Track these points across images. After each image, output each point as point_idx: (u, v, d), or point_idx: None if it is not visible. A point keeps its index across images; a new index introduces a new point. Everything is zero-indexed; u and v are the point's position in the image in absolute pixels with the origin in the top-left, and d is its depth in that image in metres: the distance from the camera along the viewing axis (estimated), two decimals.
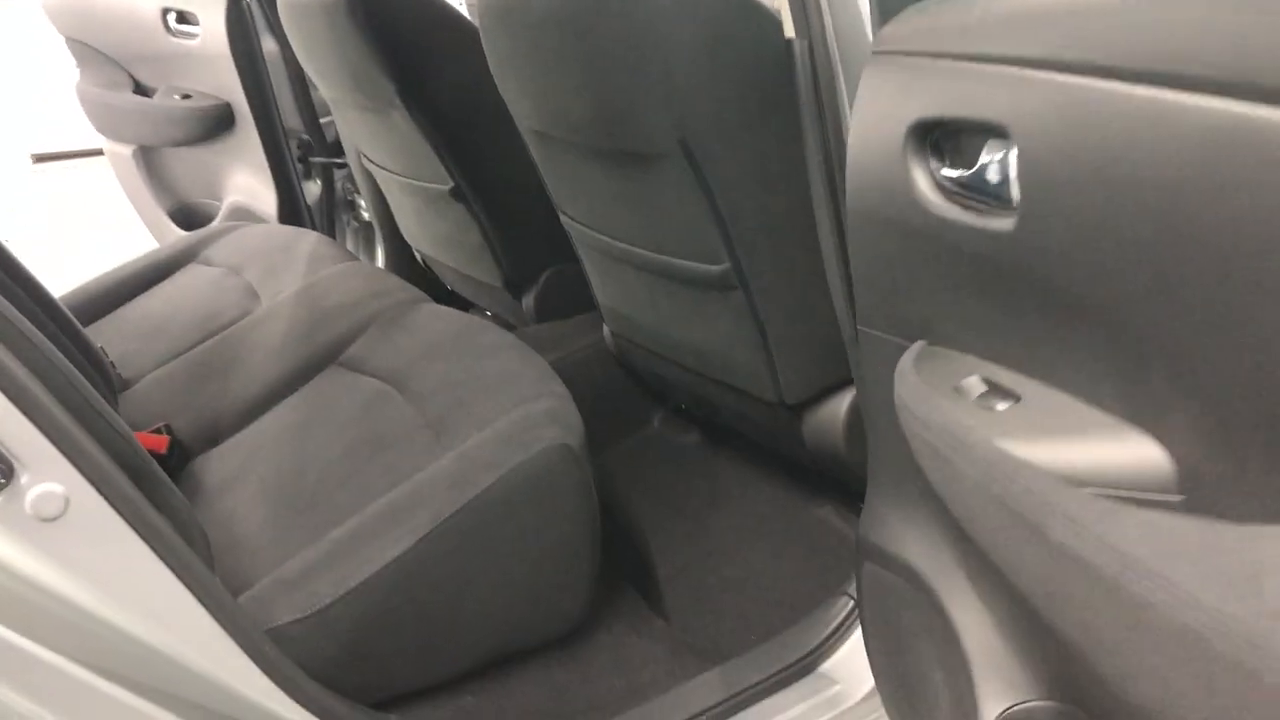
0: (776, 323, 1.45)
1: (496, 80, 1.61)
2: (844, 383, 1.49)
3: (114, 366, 1.84)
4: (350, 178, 2.65)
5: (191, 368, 1.79)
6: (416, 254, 2.51)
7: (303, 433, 1.51)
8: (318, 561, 1.21)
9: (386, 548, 1.20)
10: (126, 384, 1.84)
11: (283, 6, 2.08)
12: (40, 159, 5.71)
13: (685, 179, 1.36)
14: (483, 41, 1.58)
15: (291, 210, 2.69)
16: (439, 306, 1.73)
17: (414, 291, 1.83)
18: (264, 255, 2.10)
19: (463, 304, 2.53)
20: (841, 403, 1.49)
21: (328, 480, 1.39)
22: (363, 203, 2.64)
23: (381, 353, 1.63)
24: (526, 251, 2.13)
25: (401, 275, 2.56)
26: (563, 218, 1.75)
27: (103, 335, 2.02)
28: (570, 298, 2.14)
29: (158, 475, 1.10)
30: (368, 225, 2.71)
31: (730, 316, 1.49)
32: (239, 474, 1.48)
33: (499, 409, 1.37)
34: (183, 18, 2.62)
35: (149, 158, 2.88)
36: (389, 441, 1.41)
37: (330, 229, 2.73)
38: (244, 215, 2.79)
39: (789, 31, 1.23)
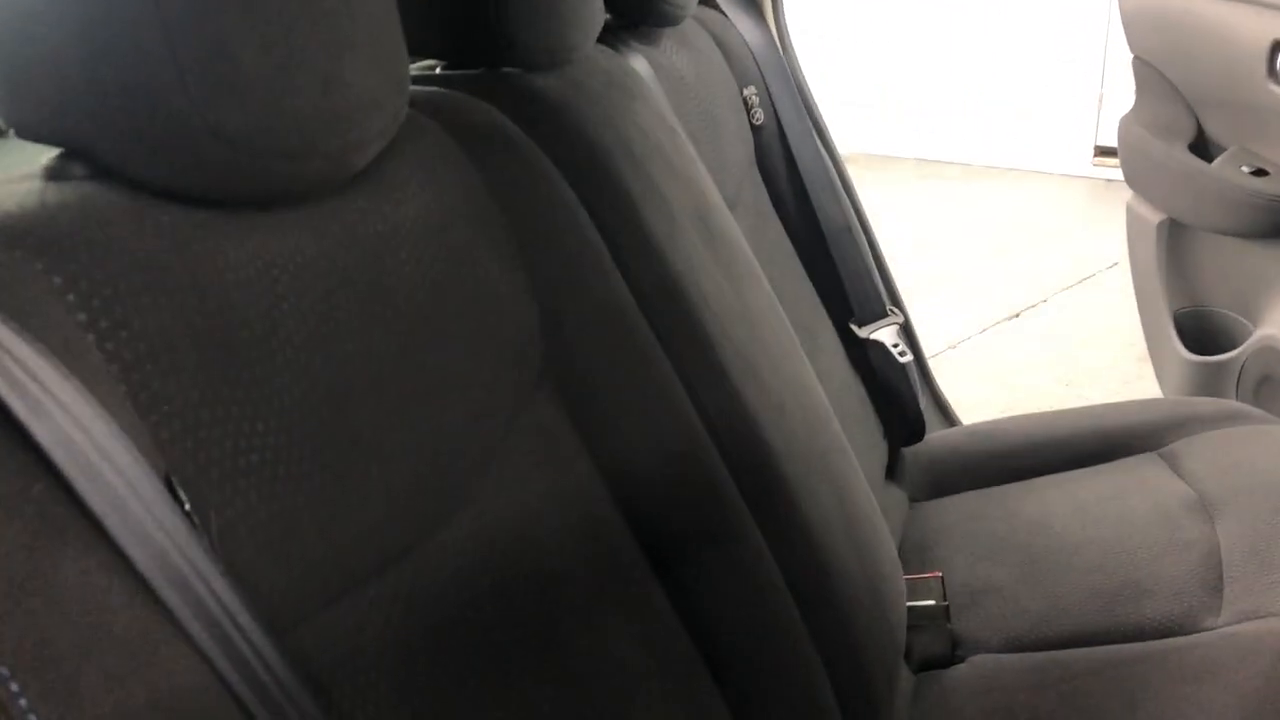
0: None
1: None
2: None
3: (943, 619, 1.18)
4: None
5: (1052, 697, 1.04)
6: None
7: None
8: None
9: None
10: (953, 652, 1.16)
11: None
12: (1102, 152, 5.23)
13: None
14: None
15: None
16: None
17: None
18: (1269, 505, 1.20)
19: None
20: None
21: None
22: None
23: None
24: None
25: None
26: None
27: (969, 527, 1.36)
28: None
29: None
30: None
31: None
32: None
33: None
34: None
35: (1177, 237, 2.08)
36: None
37: None
38: (1274, 361, 1.85)
39: None
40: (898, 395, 1.47)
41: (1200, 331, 2.08)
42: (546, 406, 0.72)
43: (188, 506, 0.40)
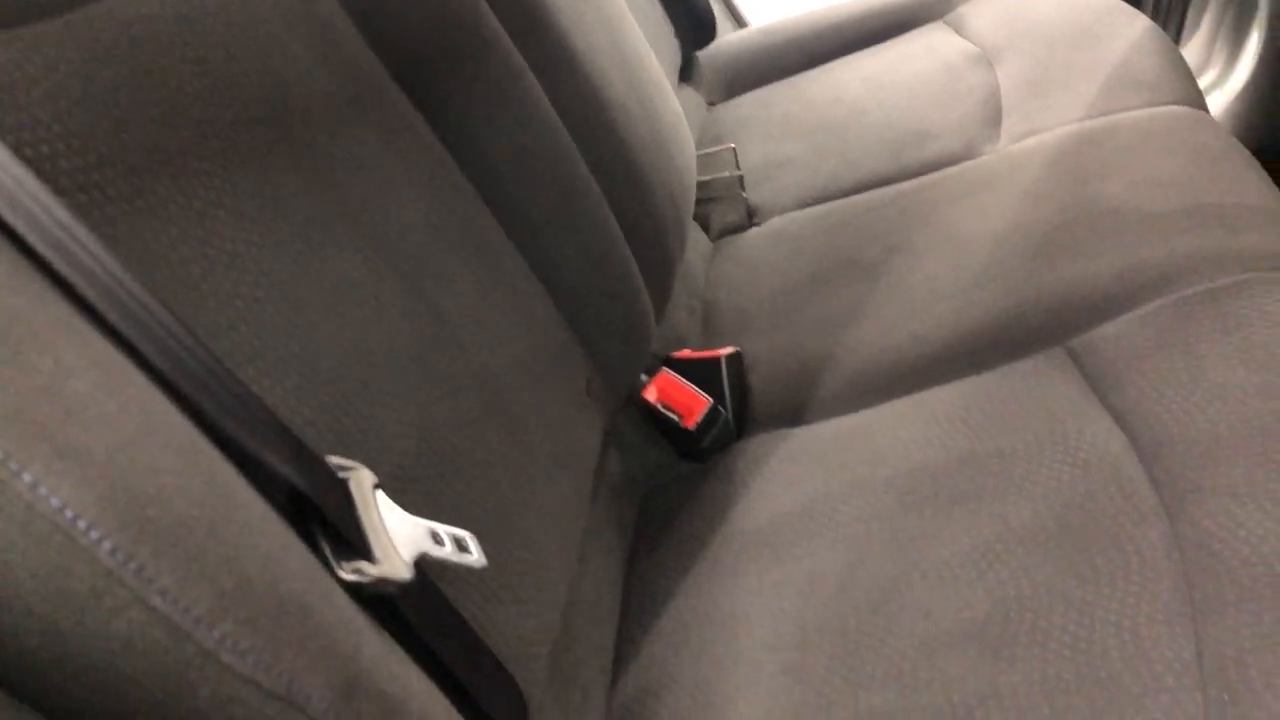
0: None
1: None
2: None
3: (738, 189, 1.17)
4: None
5: (837, 232, 1.05)
6: None
7: (931, 505, 0.73)
8: None
9: None
10: (750, 217, 1.16)
11: None
12: None
13: None
14: None
15: None
16: None
17: None
18: (1045, 44, 1.22)
19: None
20: None
21: (921, 696, 0.61)
22: None
23: (1162, 373, 0.75)
24: None
25: (1267, 106, 1.50)
26: None
27: (767, 112, 1.35)
28: None
29: None
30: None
31: None
32: (786, 535, 0.76)
33: None
34: None
35: None
36: (1099, 670, 0.58)
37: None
38: None
39: None
40: None
41: None
42: None
43: None
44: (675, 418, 0.85)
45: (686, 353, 0.92)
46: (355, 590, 0.44)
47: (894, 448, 0.80)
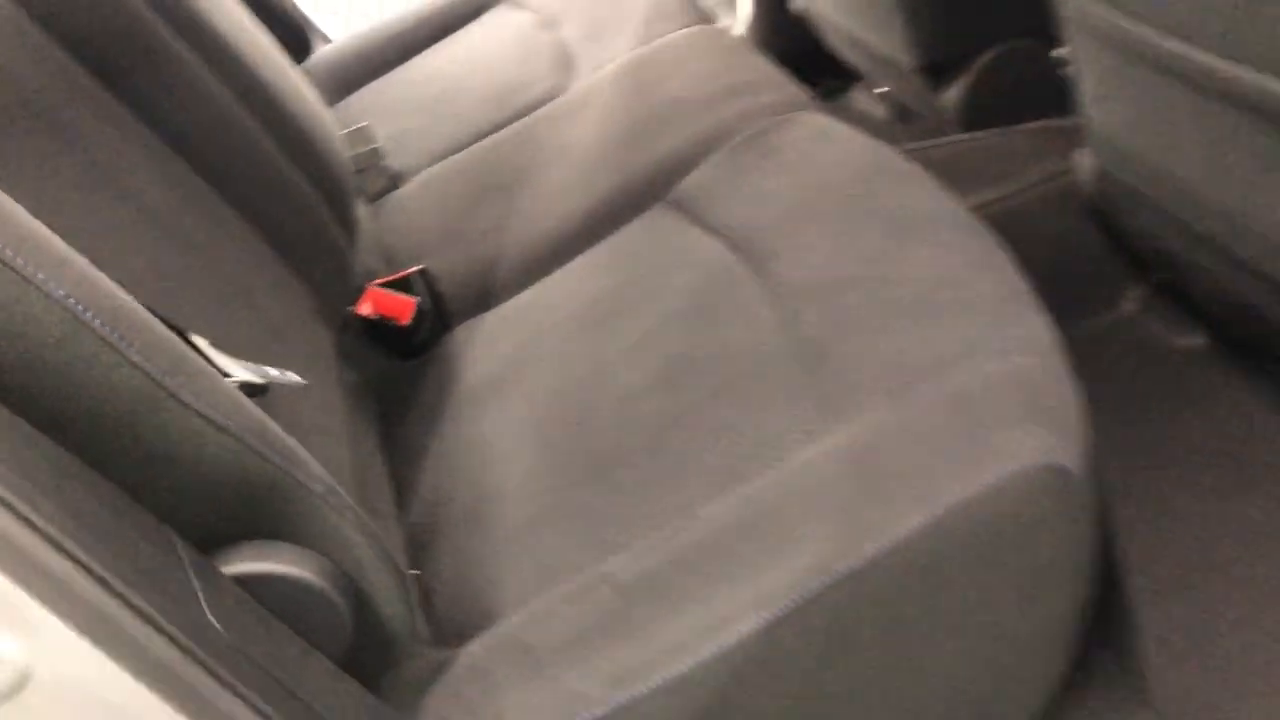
0: None
1: None
2: None
3: (379, 157, 1.37)
4: None
5: (473, 170, 1.28)
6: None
7: (604, 322, 0.97)
8: (605, 617, 0.68)
9: (737, 610, 0.64)
10: (396, 180, 1.36)
11: None
12: None
13: None
14: None
15: None
16: (829, 122, 1.09)
17: (789, 90, 1.18)
18: (589, 3, 1.51)
19: (844, 77, 1.84)
20: None
21: (632, 429, 0.85)
22: None
23: (733, 195, 1.04)
24: (965, 18, 1.41)
25: (765, 30, 1.91)
26: None
27: (382, 99, 1.55)
28: (1018, 96, 1.42)
29: None
30: None
31: None
32: (505, 376, 0.97)
33: (933, 359, 0.75)
34: None
35: None
36: (738, 373, 0.84)
37: None
38: None
39: None
40: None
41: None
42: None
43: None
44: (392, 320, 1.04)
45: (381, 280, 1.11)
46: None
47: (564, 300, 1.03)
